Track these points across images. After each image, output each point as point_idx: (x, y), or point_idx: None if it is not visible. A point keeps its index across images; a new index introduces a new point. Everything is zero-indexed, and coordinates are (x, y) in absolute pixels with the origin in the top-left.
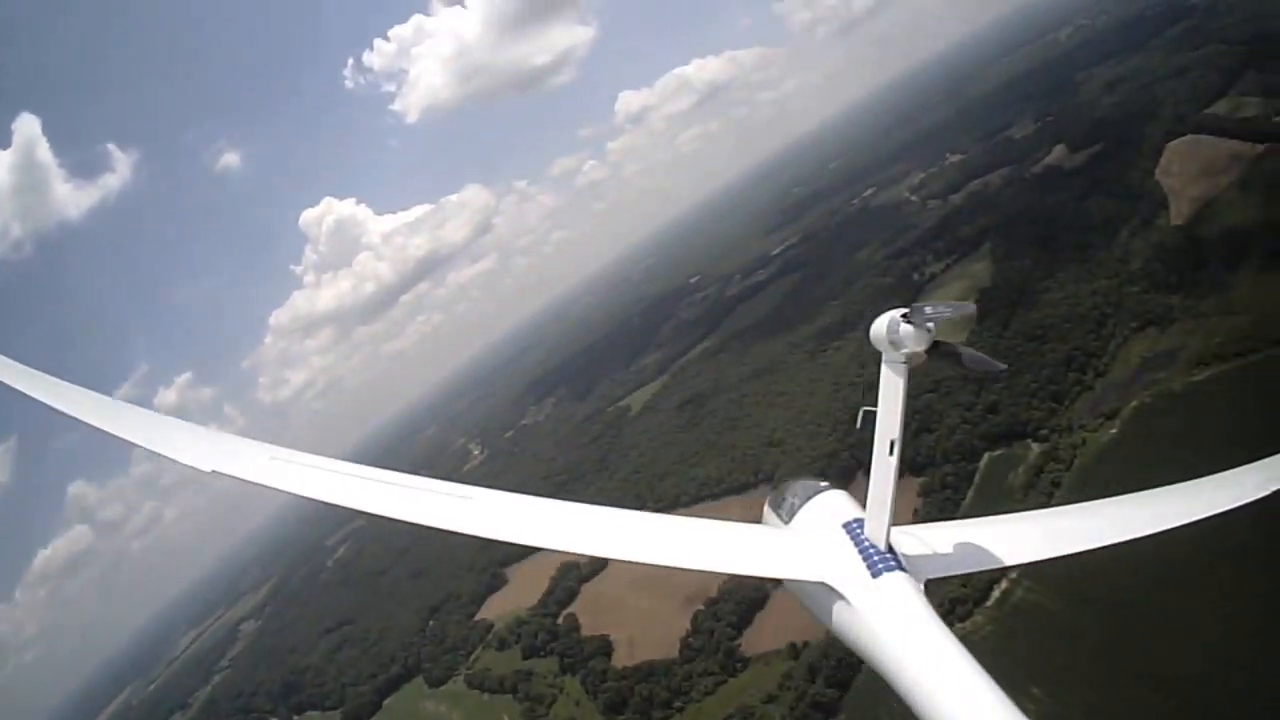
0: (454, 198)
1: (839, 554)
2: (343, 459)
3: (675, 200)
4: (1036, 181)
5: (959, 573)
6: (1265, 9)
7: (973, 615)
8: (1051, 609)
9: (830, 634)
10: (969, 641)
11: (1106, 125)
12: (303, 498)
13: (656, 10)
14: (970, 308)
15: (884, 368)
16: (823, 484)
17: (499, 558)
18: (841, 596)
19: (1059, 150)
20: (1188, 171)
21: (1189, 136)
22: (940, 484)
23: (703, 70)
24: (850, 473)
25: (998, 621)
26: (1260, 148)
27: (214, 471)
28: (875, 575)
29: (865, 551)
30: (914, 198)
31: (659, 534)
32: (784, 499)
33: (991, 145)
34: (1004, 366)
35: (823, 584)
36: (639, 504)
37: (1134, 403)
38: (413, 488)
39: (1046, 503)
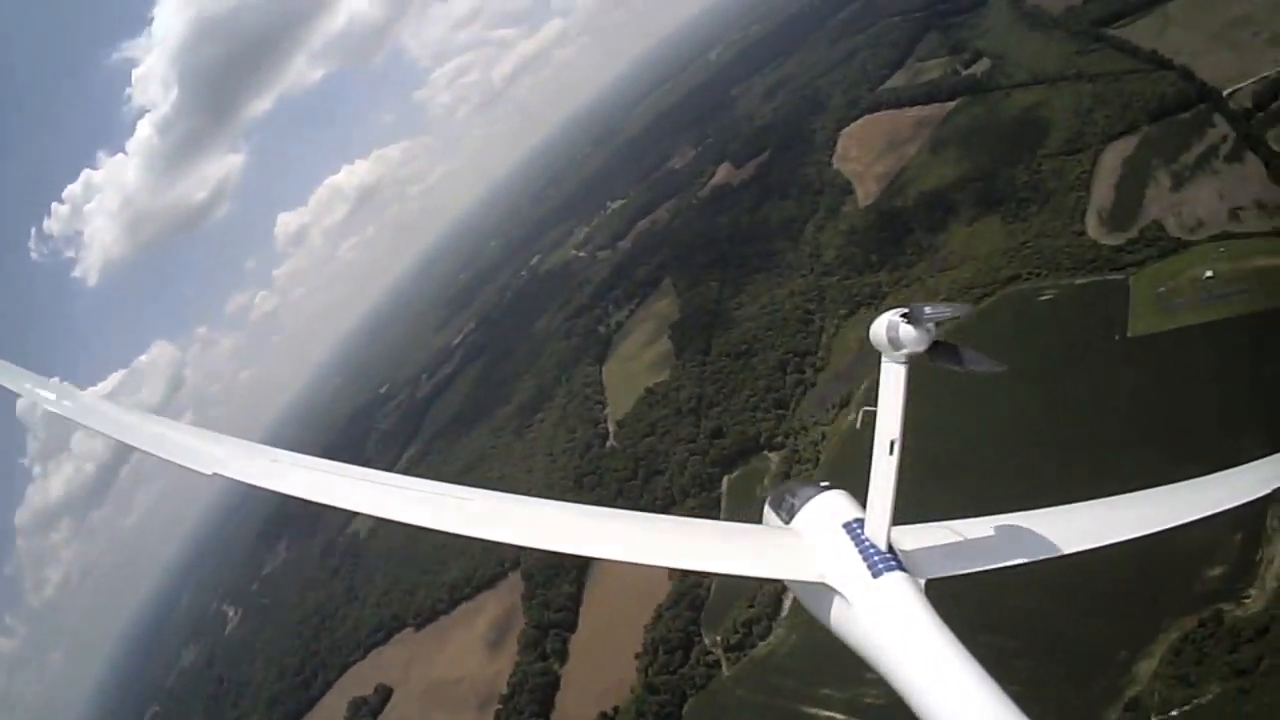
0: (144, 358)
1: (839, 554)
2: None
3: (349, 313)
4: (705, 205)
5: (960, 572)
6: None
7: (772, 631)
8: None
9: (833, 633)
10: (969, 642)
11: (770, 132)
12: (303, 500)
13: (303, 122)
14: (969, 308)
15: (884, 368)
16: (823, 484)
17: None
18: (842, 596)
19: (724, 169)
20: (868, 152)
21: (864, 118)
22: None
23: (353, 176)
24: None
25: (797, 629)
26: (950, 105)
27: (215, 474)
28: (875, 575)
29: (865, 551)
30: (582, 254)
31: (659, 534)
32: (784, 499)
33: (652, 182)
34: (1004, 367)
35: (823, 584)
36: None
37: (864, 384)
38: (412, 489)
39: None
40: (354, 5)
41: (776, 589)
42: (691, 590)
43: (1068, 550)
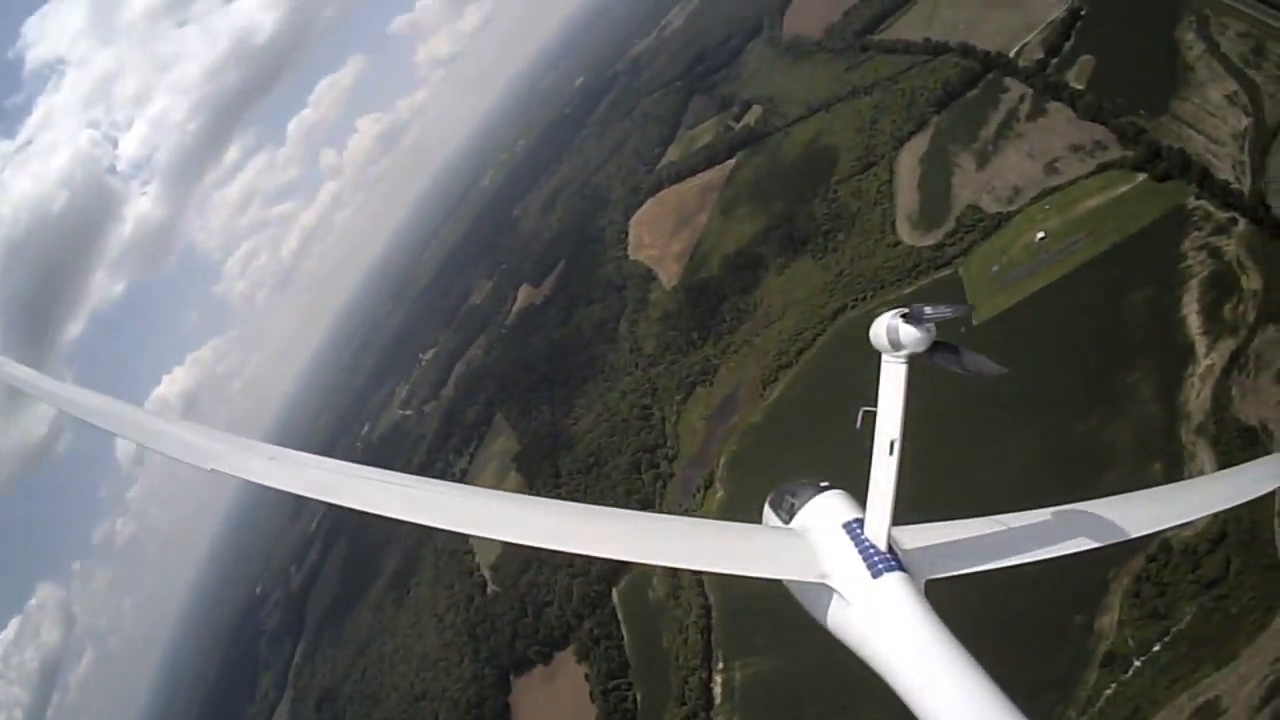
0: (33, 601)
1: (839, 554)
2: None
3: (208, 518)
4: (515, 332)
5: (960, 572)
6: (695, 33)
7: None
8: None
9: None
10: (969, 642)
11: (560, 241)
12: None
13: (117, 337)
14: (969, 308)
15: (883, 368)
16: (823, 484)
17: None
18: (841, 596)
19: (524, 291)
20: (661, 234)
21: (649, 202)
22: (591, 641)
23: (175, 386)
24: None
25: None
26: (730, 163)
27: (214, 470)
28: (875, 575)
29: (865, 552)
30: (408, 411)
31: (659, 534)
32: (784, 499)
33: (459, 323)
34: (1004, 370)
35: (822, 584)
36: None
37: (723, 459)
38: (412, 487)
39: None
40: (138, 209)
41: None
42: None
43: (1067, 550)
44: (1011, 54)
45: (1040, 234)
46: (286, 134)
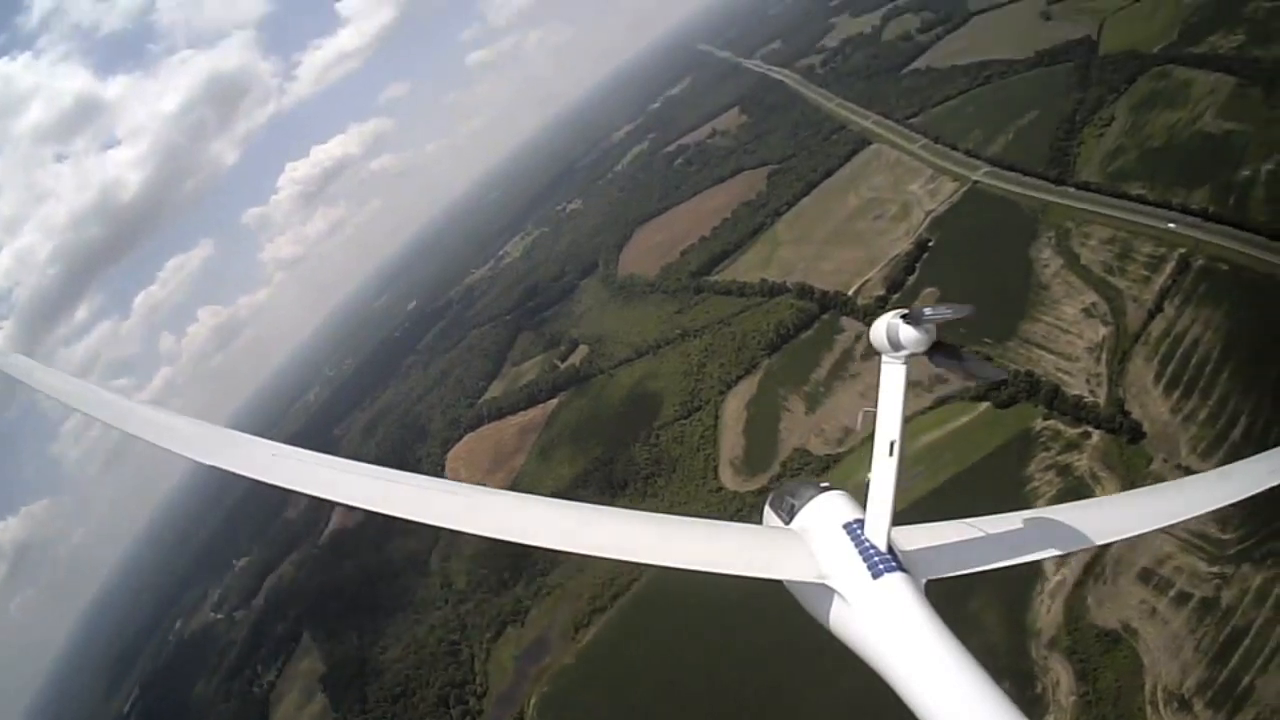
0: None
1: (839, 554)
2: None
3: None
4: (327, 553)
5: (960, 573)
6: (531, 265)
7: None
8: None
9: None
10: (969, 642)
11: None
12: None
13: None
14: (969, 309)
15: (884, 369)
16: (823, 484)
17: None
18: (841, 597)
19: (338, 514)
20: (476, 471)
21: (467, 437)
22: None
23: (5, 534)
24: None
25: None
26: (552, 404)
27: (215, 465)
28: (875, 576)
29: (865, 552)
30: (219, 615)
31: (660, 534)
32: (784, 499)
33: (271, 537)
34: (1004, 374)
35: (823, 584)
36: None
37: (533, 699)
38: (412, 485)
39: None
40: None
41: None
42: None
43: (1066, 550)
44: (850, 292)
45: (869, 476)
46: (133, 307)
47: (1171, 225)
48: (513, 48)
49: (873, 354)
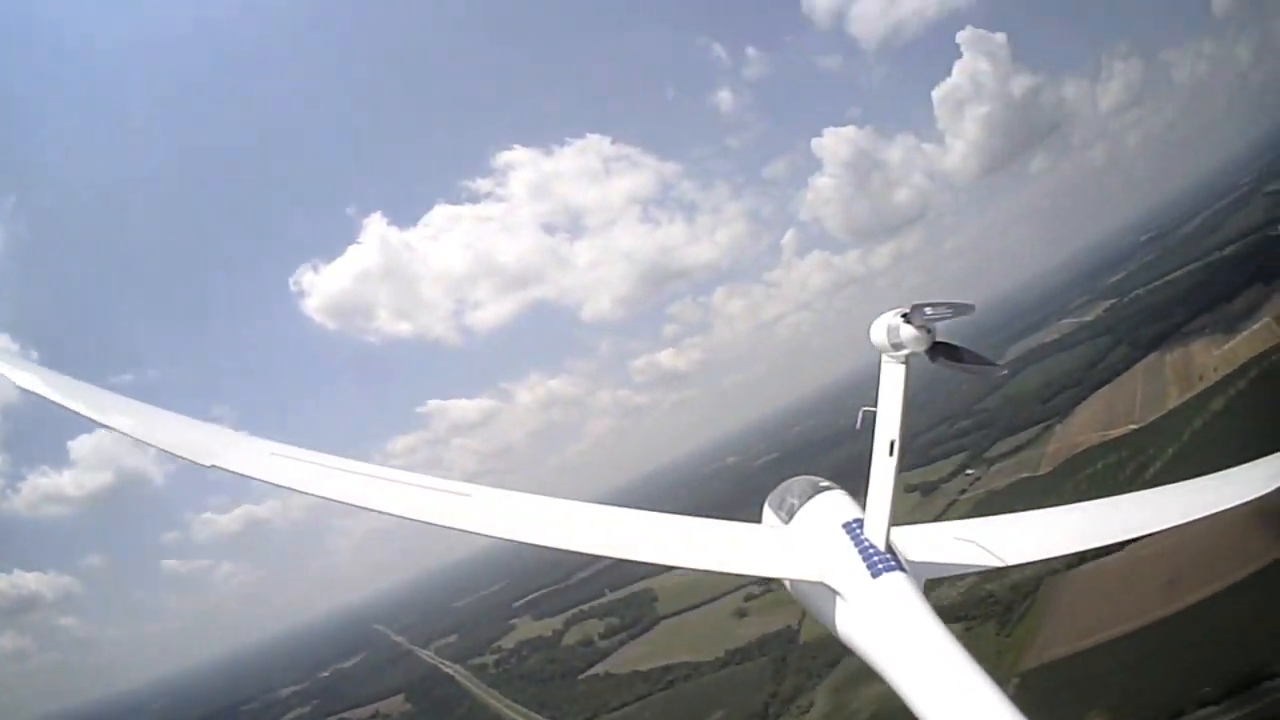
0: None
1: (839, 554)
2: None
3: None
4: None
5: (960, 572)
6: None
7: None
8: None
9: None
10: (968, 642)
11: None
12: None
13: None
14: (970, 306)
15: (884, 368)
16: (823, 483)
17: None
18: (841, 597)
19: None
20: None
21: None
22: None
23: None
24: None
25: None
26: None
27: (213, 466)
28: (875, 575)
29: (865, 552)
30: None
31: (659, 534)
32: (784, 499)
33: None
34: (1005, 369)
35: (822, 584)
36: None
37: None
38: (413, 485)
39: None
40: None
41: None
42: None
43: (1066, 551)
44: None
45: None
46: None
47: None
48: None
49: None
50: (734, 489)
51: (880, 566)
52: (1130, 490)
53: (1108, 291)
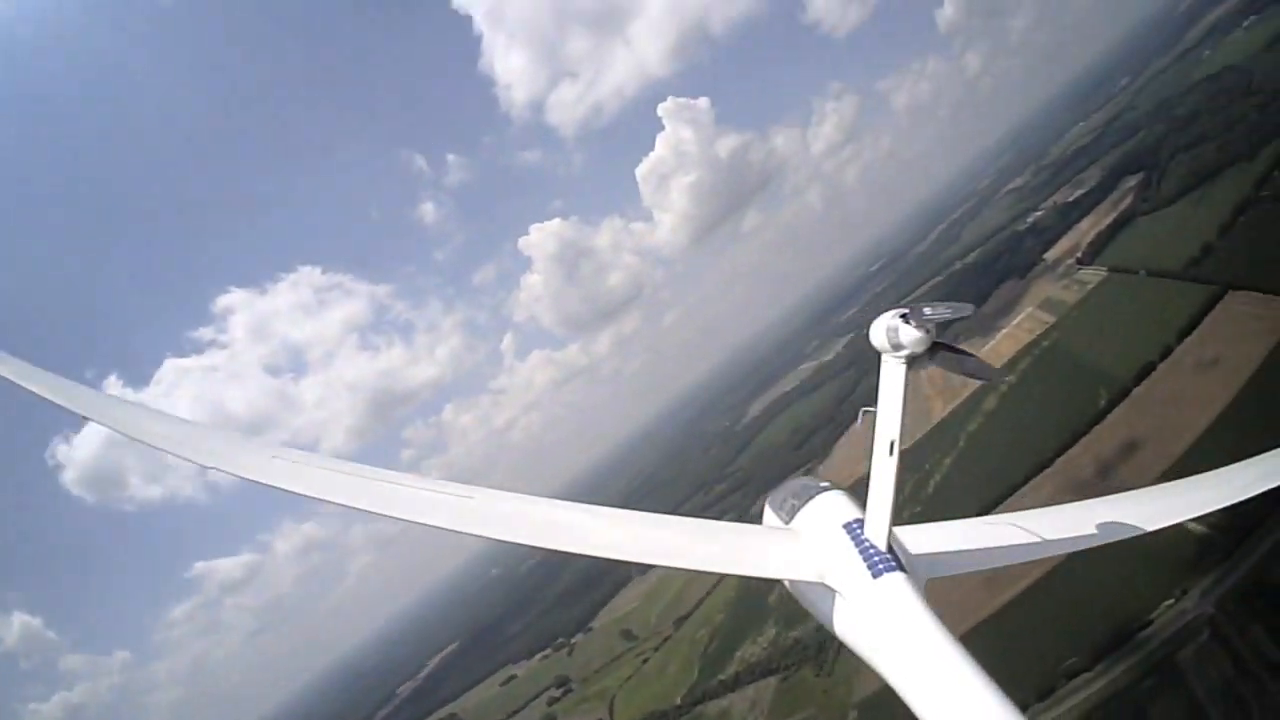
0: None
1: (839, 554)
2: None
3: None
4: None
5: (960, 573)
6: None
7: None
8: None
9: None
10: (968, 643)
11: None
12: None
13: None
14: (969, 307)
15: (884, 369)
16: (823, 484)
17: None
18: (842, 597)
19: None
20: None
21: None
22: None
23: None
24: None
25: None
26: None
27: (214, 468)
28: (875, 576)
29: (865, 552)
30: None
31: (659, 534)
32: (784, 499)
33: None
34: (1006, 374)
35: (823, 584)
36: None
37: None
38: (413, 487)
39: None
40: None
41: None
42: None
43: (1066, 550)
44: None
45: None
46: None
47: None
48: None
49: None
50: (505, 600)
51: (881, 567)
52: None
53: (842, 328)
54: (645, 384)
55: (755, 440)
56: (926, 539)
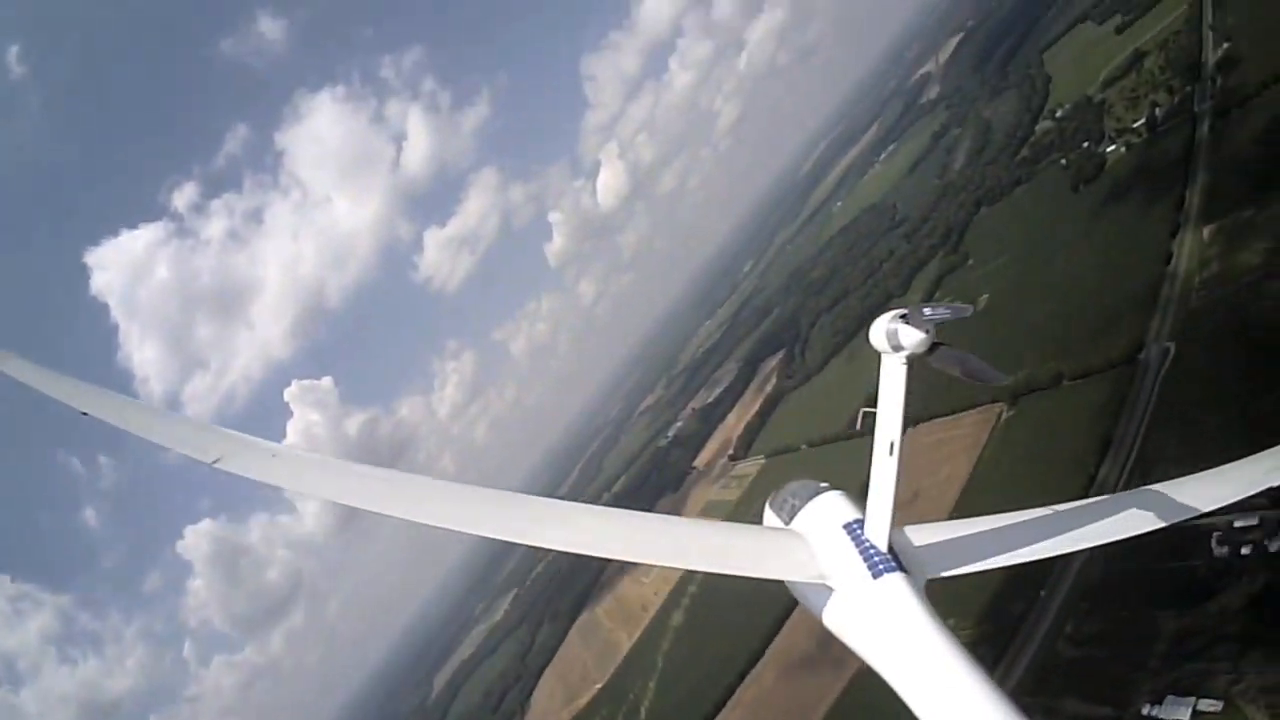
0: None
1: (839, 554)
2: None
3: None
4: None
5: (961, 573)
6: None
7: None
8: None
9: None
10: (968, 643)
11: None
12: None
13: None
14: (969, 308)
15: (884, 369)
16: (823, 484)
17: None
18: (842, 597)
19: None
20: None
21: None
22: None
23: None
24: None
25: None
26: None
27: (215, 466)
28: (876, 576)
29: (866, 552)
30: None
31: (659, 534)
32: (784, 499)
33: None
34: (1008, 377)
35: (823, 584)
36: None
37: None
38: (413, 486)
39: None
40: None
41: None
42: None
43: (1066, 550)
44: None
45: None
46: None
47: None
48: None
49: None
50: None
51: (881, 567)
52: None
53: (504, 585)
54: (326, 677)
55: (452, 710)
56: (927, 538)
